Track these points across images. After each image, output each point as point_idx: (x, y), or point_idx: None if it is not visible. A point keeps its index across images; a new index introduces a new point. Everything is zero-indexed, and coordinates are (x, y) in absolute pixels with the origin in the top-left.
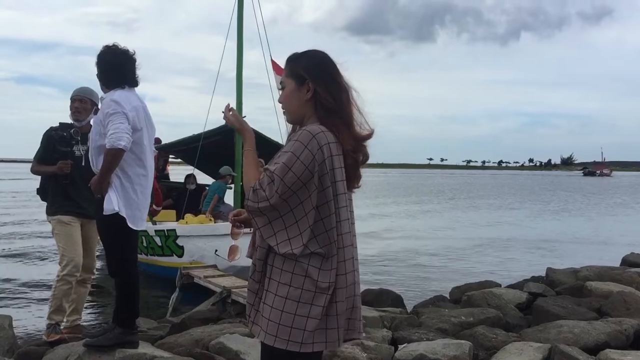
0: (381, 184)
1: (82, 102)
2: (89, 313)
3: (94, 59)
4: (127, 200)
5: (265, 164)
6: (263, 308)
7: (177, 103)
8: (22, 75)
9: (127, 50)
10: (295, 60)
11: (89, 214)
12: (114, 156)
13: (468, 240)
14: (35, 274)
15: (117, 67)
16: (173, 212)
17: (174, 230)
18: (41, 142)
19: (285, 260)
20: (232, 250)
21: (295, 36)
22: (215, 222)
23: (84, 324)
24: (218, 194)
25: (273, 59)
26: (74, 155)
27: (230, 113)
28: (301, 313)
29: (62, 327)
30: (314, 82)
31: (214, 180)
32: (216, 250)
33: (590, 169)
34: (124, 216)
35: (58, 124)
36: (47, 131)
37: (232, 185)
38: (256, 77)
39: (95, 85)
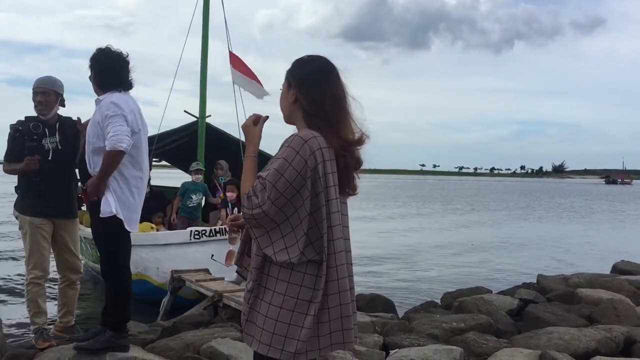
0: (374, 188)
1: (45, 95)
2: (78, 316)
3: (88, 62)
4: (124, 202)
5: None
6: (257, 317)
7: (172, 106)
8: (14, 77)
9: (121, 53)
10: (292, 64)
11: (64, 213)
12: (114, 158)
13: (460, 246)
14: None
15: (113, 71)
16: None
17: None
18: (7, 139)
19: (281, 269)
20: (230, 256)
21: (291, 42)
22: (157, 230)
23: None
24: (179, 194)
25: (232, 51)
26: (43, 149)
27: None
28: (295, 322)
29: (55, 326)
30: (295, 86)
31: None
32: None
33: (613, 178)
34: (122, 219)
35: (24, 118)
36: (14, 125)
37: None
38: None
39: (88, 86)
